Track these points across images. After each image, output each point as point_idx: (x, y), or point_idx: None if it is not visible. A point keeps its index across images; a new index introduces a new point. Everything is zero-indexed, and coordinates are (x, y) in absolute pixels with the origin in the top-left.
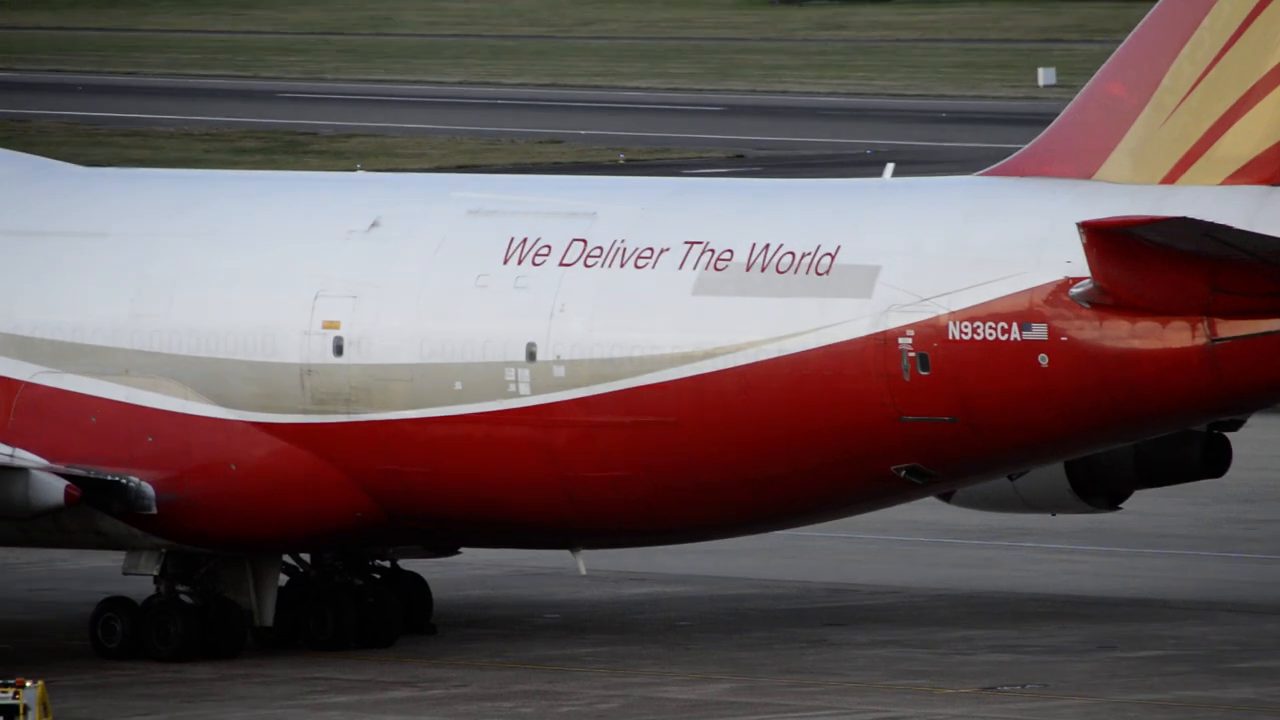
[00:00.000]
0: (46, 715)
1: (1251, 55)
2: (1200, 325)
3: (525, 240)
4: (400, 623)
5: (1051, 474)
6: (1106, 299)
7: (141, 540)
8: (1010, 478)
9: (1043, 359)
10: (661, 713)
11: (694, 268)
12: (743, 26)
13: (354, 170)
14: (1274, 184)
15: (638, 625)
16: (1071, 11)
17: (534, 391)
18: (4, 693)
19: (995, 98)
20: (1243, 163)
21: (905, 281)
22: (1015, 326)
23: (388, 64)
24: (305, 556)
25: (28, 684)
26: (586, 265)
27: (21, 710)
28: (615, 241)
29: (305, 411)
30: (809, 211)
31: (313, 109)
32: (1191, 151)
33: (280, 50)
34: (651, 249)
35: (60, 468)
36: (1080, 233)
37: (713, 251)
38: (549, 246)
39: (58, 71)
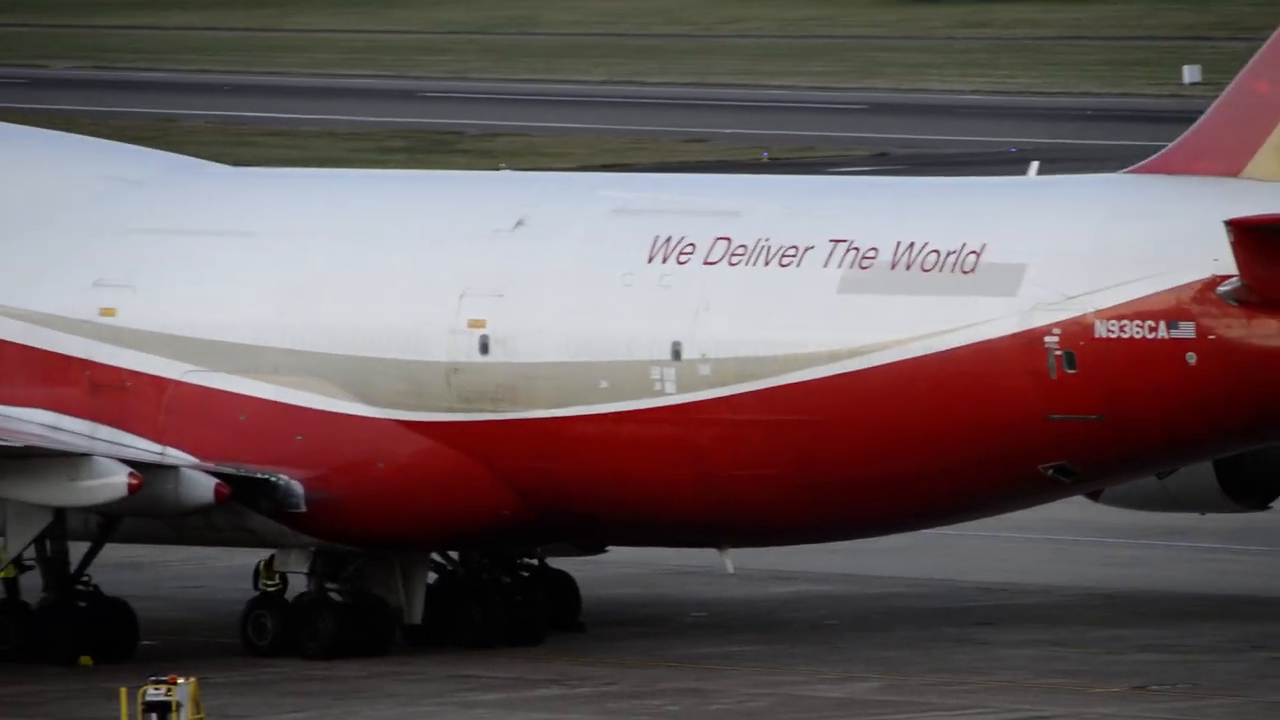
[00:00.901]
0: (199, 712)
1: None
2: None
3: (669, 239)
4: (548, 621)
5: (1200, 473)
6: (1254, 297)
7: (291, 538)
8: (1159, 476)
9: (1190, 357)
10: (810, 711)
11: (839, 266)
12: (885, 25)
13: (499, 169)
14: None
15: (786, 623)
16: (1218, 9)
17: (679, 390)
18: (157, 690)
19: (1140, 95)
20: None
21: (1051, 280)
22: (1162, 325)
23: (532, 63)
24: (453, 554)
25: (180, 681)
26: (731, 263)
27: (174, 707)
28: (759, 240)
29: (451, 410)
30: (954, 209)
31: (458, 108)
32: None
33: (424, 50)
34: (796, 247)
35: (210, 466)
36: (1227, 230)
37: (857, 250)
38: (693, 245)
39: (204, 72)
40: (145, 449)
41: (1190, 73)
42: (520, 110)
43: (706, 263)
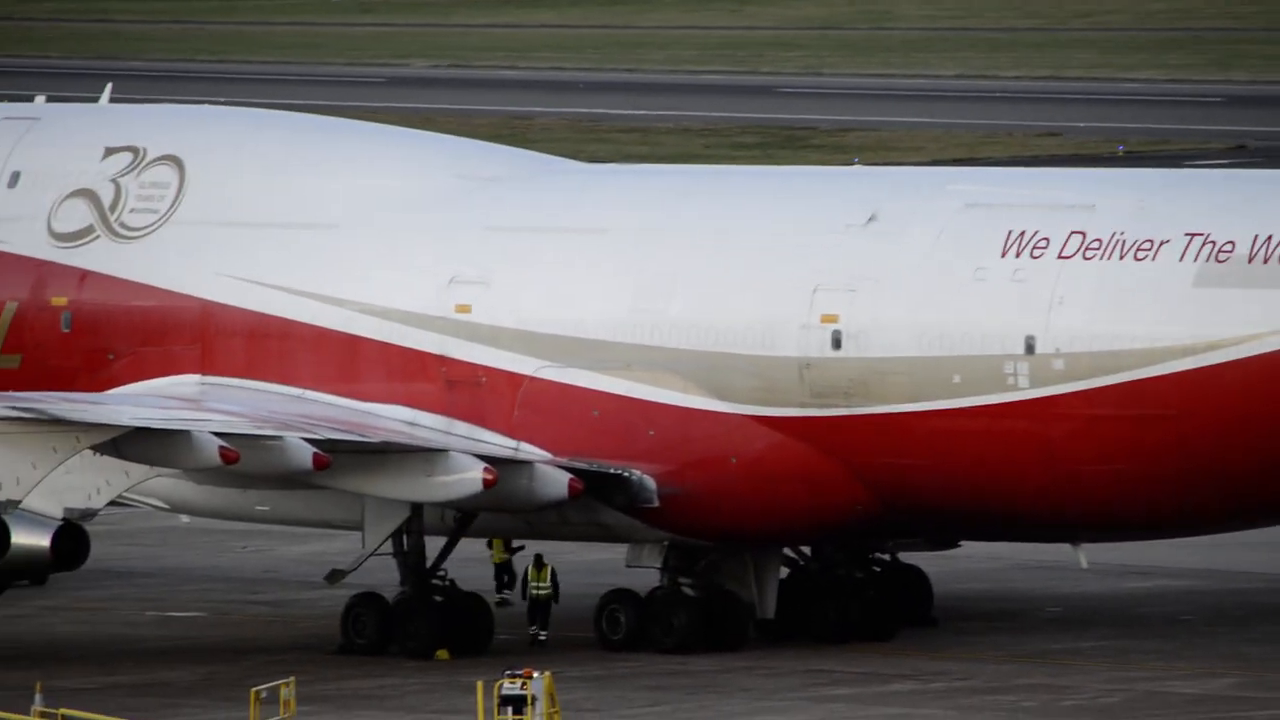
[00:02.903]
0: (554, 706)
1: None
2: None
3: (1023, 233)
4: (901, 616)
5: None
6: None
7: (644, 533)
8: None
9: None
10: (1165, 707)
11: (1194, 260)
12: (1243, 16)
13: (852, 164)
14: None
15: (1141, 619)
16: None
17: (1033, 384)
18: (512, 684)
19: None
20: None
21: None
22: None
23: (886, 58)
24: (805, 549)
25: (535, 675)
26: (1085, 257)
27: (530, 701)
28: (1114, 234)
29: (804, 405)
30: None
31: (811, 103)
32: None
33: (779, 45)
34: (1151, 241)
35: (563, 461)
36: None
37: (1214, 243)
38: (1047, 239)
39: (559, 69)
40: (500, 444)
41: None
42: (873, 105)
43: (1060, 257)
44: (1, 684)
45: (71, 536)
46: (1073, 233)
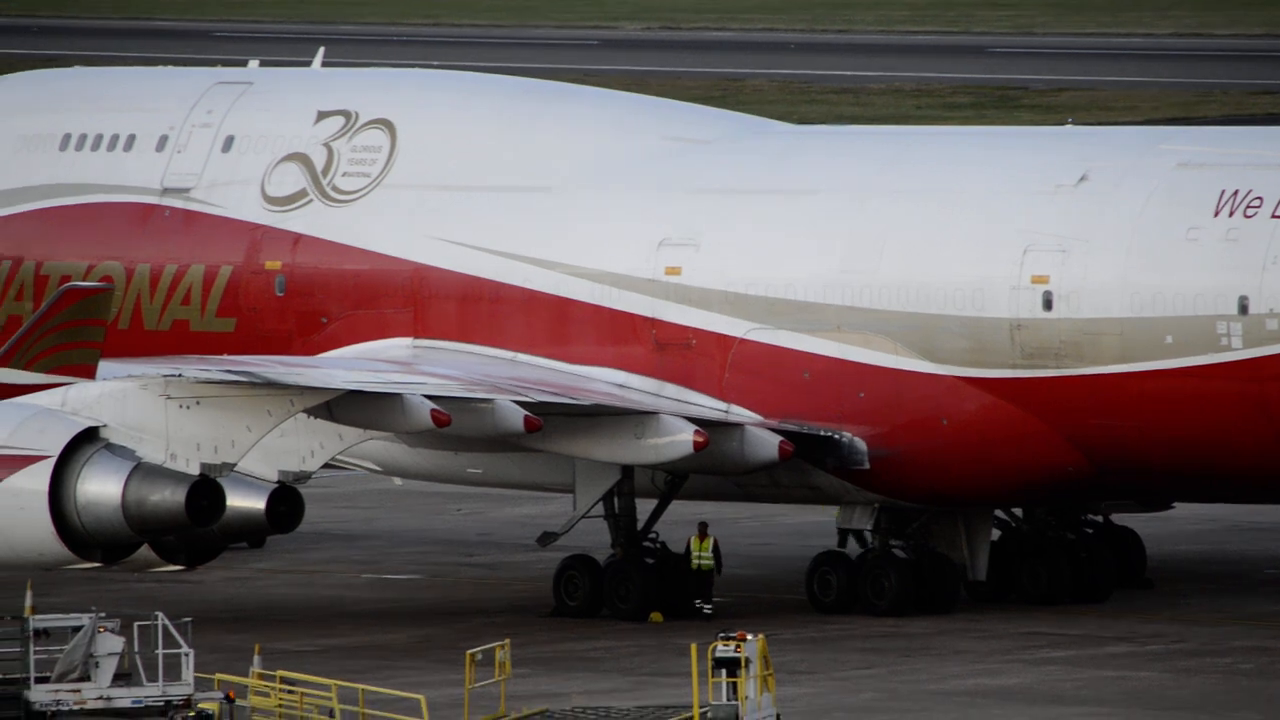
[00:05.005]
0: (768, 669)
1: None
2: None
3: (1236, 192)
4: (1114, 577)
5: None
6: None
7: (854, 495)
8: None
9: None
10: None
11: None
12: None
13: (1064, 124)
14: None
15: None
16: None
17: (1246, 345)
18: (726, 646)
19: None
20: None
21: None
22: None
23: (1098, 17)
24: (1017, 511)
25: (749, 637)
26: None
27: (743, 663)
28: None
29: (1014, 366)
30: None
31: (1023, 63)
32: None
33: (990, 5)
34: None
35: (773, 423)
36: None
37: None
38: (1261, 198)
39: (770, 30)
40: (710, 406)
41: None
42: (1086, 64)
43: (1275, 216)
44: (221, 646)
45: (286, 499)
46: None
